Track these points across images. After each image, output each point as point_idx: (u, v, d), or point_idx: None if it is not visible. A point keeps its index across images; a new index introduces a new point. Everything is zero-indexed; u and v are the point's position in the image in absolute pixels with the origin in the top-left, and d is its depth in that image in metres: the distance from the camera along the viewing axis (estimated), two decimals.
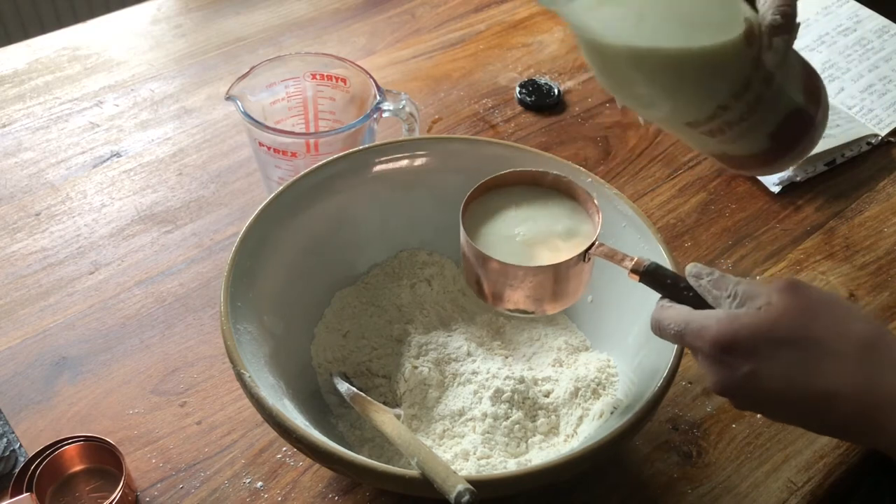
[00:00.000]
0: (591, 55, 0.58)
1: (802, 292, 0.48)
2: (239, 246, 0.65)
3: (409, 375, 0.68)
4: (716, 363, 0.49)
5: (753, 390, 0.48)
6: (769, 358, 0.47)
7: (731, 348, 0.48)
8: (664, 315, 0.52)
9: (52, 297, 0.79)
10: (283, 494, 0.66)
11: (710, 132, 0.60)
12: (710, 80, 0.56)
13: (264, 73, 0.81)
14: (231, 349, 0.58)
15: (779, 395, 0.47)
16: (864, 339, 0.47)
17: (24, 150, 0.94)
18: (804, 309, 0.47)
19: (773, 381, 0.47)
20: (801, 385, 0.46)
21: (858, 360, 0.46)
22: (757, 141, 0.62)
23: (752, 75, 0.57)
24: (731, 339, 0.48)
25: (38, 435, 0.68)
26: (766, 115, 0.60)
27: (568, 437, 0.65)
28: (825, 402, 0.46)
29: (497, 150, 0.75)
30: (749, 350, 0.47)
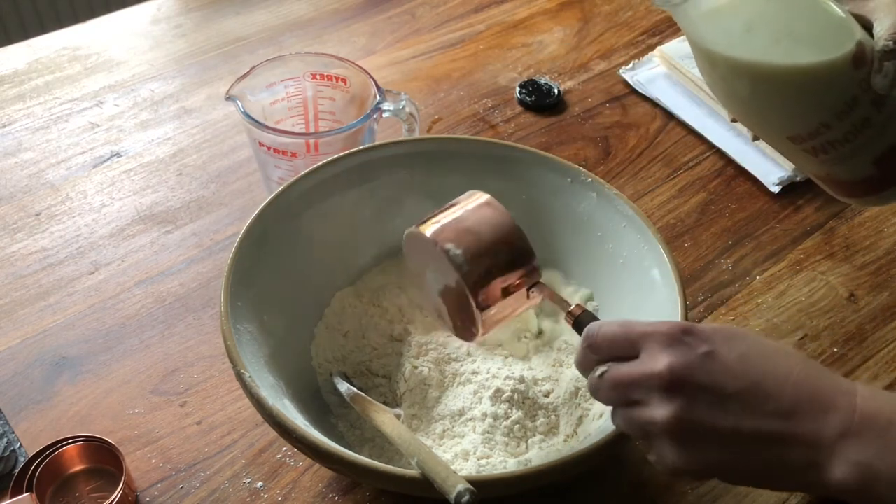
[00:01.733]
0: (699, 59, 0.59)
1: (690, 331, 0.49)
2: (239, 246, 0.65)
3: (409, 375, 0.68)
4: (673, 342, 0.48)
5: (710, 371, 0.47)
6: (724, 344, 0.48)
7: (689, 330, 0.48)
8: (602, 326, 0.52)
9: (52, 297, 0.79)
10: (284, 494, 0.66)
11: (812, 150, 0.60)
12: (812, 98, 0.57)
13: (264, 73, 0.81)
14: (231, 349, 0.58)
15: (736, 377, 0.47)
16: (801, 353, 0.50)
17: (24, 150, 0.94)
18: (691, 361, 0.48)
19: (731, 362, 0.47)
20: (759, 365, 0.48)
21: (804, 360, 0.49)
22: (861, 165, 0.62)
23: (860, 96, 0.58)
24: (688, 324, 0.49)
25: (38, 435, 0.68)
26: (872, 140, 0.60)
27: (568, 437, 0.65)
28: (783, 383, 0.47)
29: (497, 149, 0.75)
30: (705, 336, 0.48)
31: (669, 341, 0.48)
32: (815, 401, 0.47)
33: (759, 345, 0.49)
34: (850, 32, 0.57)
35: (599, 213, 0.72)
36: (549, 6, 1.19)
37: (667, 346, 0.48)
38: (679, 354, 0.48)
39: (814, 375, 0.48)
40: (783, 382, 0.47)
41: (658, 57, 1.07)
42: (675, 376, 0.47)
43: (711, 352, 0.47)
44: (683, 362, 0.47)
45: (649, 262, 0.67)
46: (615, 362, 0.50)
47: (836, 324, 0.79)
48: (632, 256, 0.69)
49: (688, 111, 1.01)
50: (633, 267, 0.69)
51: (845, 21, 0.58)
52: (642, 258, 0.68)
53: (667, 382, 0.47)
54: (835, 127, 0.59)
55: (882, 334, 0.78)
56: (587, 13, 1.18)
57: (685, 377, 0.47)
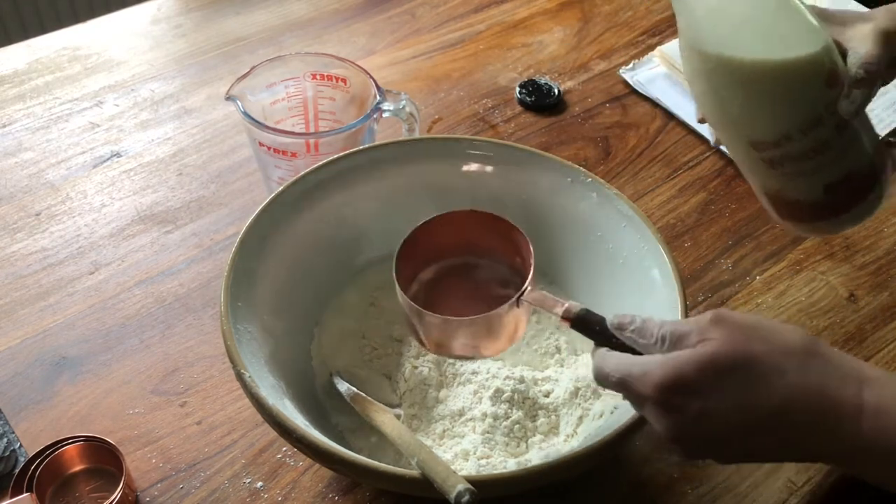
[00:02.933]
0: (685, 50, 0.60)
1: (730, 320, 0.49)
2: (239, 246, 0.65)
3: (409, 375, 0.68)
4: (663, 408, 0.48)
5: (706, 430, 0.47)
6: (717, 390, 0.47)
7: (677, 389, 0.47)
8: (605, 363, 0.51)
9: (52, 297, 0.79)
10: (284, 494, 0.66)
11: (769, 161, 0.61)
12: (783, 100, 0.59)
13: (264, 73, 0.81)
14: (231, 349, 0.58)
15: (733, 428, 0.47)
16: (802, 349, 0.48)
17: (24, 150, 0.94)
18: (737, 335, 0.48)
19: (725, 413, 0.47)
20: (754, 407, 0.46)
21: (802, 371, 0.47)
22: (811, 188, 0.63)
23: (825, 118, 0.59)
24: (676, 379, 0.47)
25: (38, 435, 0.68)
26: (827, 164, 0.61)
27: (568, 437, 0.65)
28: (781, 416, 0.46)
29: (497, 150, 0.75)
30: (696, 388, 0.47)
31: (658, 408, 0.48)
32: (819, 430, 0.47)
33: (754, 368, 0.47)
34: (829, 52, 0.59)
35: (599, 213, 0.72)
36: (549, 6, 1.19)
37: (656, 415, 0.49)
38: (670, 421, 0.48)
39: (815, 394, 0.47)
40: (786, 411, 0.46)
41: (658, 57, 1.07)
42: (672, 440, 0.49)
43: (703, 409, 0.47)
44: (676, 431, 0.48)
45: (649, 262, 0.67)
46: None
47: (836, 324, 0.79)
48: (632, 256, 0.69)
49: (688, 111, 1.01)
50: (633, 267, 0.69)
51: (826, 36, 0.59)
52: (642, 258, 0.68)
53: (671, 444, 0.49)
54: (796, 141, 0.60)
55: (882, 334, 0.78)
56: (587, 13, 1.18)
57: (682, 440, 0.48)
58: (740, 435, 0.47)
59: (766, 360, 0.47)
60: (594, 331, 0.54)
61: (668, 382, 0.47)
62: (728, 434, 0.47)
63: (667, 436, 0.49)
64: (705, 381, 0.47)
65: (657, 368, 0.48)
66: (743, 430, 0.47)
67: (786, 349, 0.47)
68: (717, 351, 0.47)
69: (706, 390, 0.47)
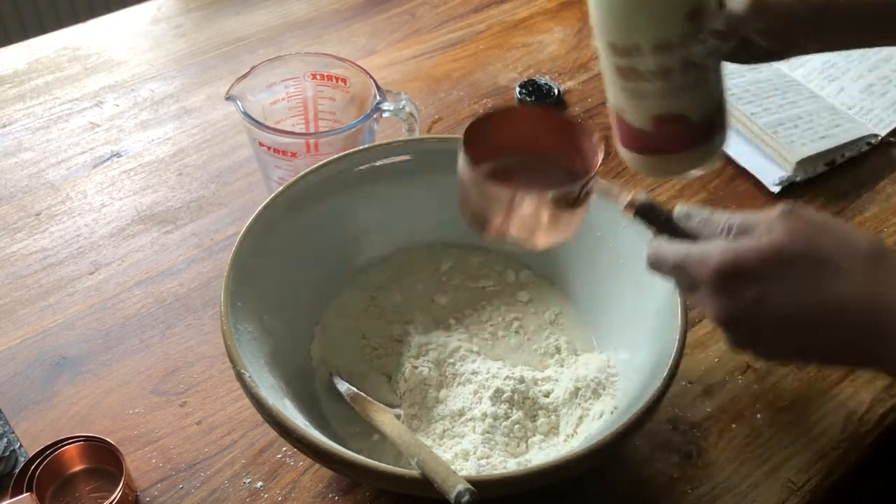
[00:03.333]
0: None
1: (800, 214, 0.48)
2: (239, 246, 0.65)
3: (409, 375, 0.68)
4: (718, 292, 0.48)
5: (759, 317, 0.47)
6: (778, 279, 0.46)
7: (736, 274, 0.47)
8: (662, 249, 0.51)
9: (52, 297, 0.79)
10: (284, 494, 0.66)
11: (619, 70, 0.65)
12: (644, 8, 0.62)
13: (264, 73, 0.81)
14: (231, 349, 0.58)
15: (786, 318, 0.47)
16: (869, 252, 0.47)
17: (24, 150, 0.94)
18: (806, 230, 0.47)
19: (782, 303, 0.46)
20: (812, 302, 0.46)
21: (866, 273, 0.46)
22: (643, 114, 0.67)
23: (675, 45, 0.62)
24: (736, 264, 0.47)
25: (38, 435, 0.68)
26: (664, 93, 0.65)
27: (568, 437, 0.65)
28: (836, 314, 0.46)
29: None
30: (755, 275, 0.47)
31: (713, 291, 0.48)
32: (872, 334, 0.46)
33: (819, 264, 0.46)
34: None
35: (599, 214, 0.72)
36: (549, 6, 1.19)
37: (710, 298, 0.48)
38: (724, 305, 0.48)
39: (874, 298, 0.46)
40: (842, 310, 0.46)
41: None
42: (726, 324, 0.48)
43: (761, 295, 0.46)
44: (728, 315, 0.48)
45: None
46: None
47: None
48: (632, 256, 0.69)
49: None
50: (633, 267, 0.69)
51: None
52: (642, 258, 0.68)
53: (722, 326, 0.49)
54: (643, 56, 0.63)
55: None
56: (587, 13, 1.18)
57: (736, 324, 0.48)
58: (796, 328, 0.47)
59: (832, 257, 0.46)
60: (657, 221, 0.55)
61: (726, 267, 0.47)
62: (783, 325, 0.47)
63: (718, 318, 0.48)
64: (766, 271, 0.46)
65: (717, 254, 0.48)
66: (800, 323, 0.46)
67: (855, 250, 0.47)
68: (783, 242, 0.46)
69: (766, 279, 0.46)
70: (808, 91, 1.03)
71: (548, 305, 0.75)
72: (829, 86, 1.05)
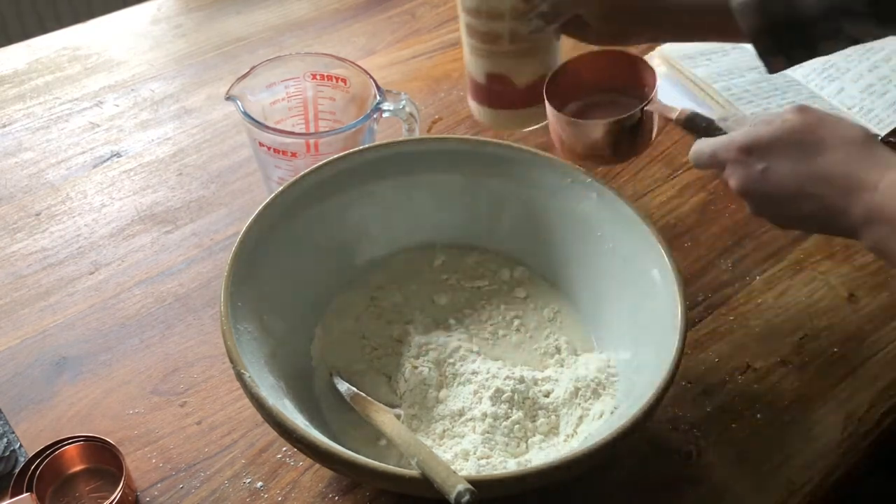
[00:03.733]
0: None
1: (811, 110, 0.60)
2: (239, 246, 0.65)
3: (409, 375, 0.68)
4: (739, 165, 0.61)
5: (767, 184, 0.60)
6: (781, 156, 0.59)
7: (751, 150, 0.60)
8: (700, 145, 0.64)
9: (53, 297, 0.79)
10: (284, 494, 0.66)
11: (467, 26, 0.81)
12: None
13: (264, 73, 0.81)
14: (231, 349, 0.58)
15: (783, 186, 0.59)
16: (857, 138, 0.58)
17: (24, 150, 0.94)
18: (810, 120, 0.59)
19: (782, 174, 0.59)
20: (803, 172, 0.58)
21: (847, 153, 0.58)
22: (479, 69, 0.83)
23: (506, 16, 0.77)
24: (752, 141, 0.60)
25: (38, 435, 0.68)
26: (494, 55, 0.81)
27: (568, 437, 0.65)
28: (820, 181, 0.58)
29: (497, 150, 0.75)
30: (765, 151, 0.60)
31: (735, 165, 0.62)
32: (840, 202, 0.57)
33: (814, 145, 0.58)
34: None
35: (599, 213, 0.72)
36: None
37: (733, 171, 0.62)
38: (742, 175, 0.61)
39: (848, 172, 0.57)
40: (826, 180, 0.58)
41: (658, 57, 1.07)
42: (744, 193, 0.62)
43: (767, 167, 0.60)
44: (744, 182, 0.61)
45: (649, 262, 0.67)
46: None
47: (836, 324, 0.79)
48: (632, 256, 0.69)
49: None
50: (633, 267, 0.69)
51: None
52: (642, 258, 0.68)
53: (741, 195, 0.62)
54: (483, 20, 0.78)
55: (882, 334, 0.78)
56: None
57: (748, 194, 0.62)
58: (790, 195, 0.60)
59: (823, 141, 0.58)
60: (700, 128, 0.68)
61: (745, 143, 0.61)
62: (781, 192, 0.60)
63: (737, 189, 0.62)
64: (773, 147, 0.59)
65: (740, 136, 0.62)
66: (793, 190, 0.59)
67: (844, 136, 0.58)
68: (790, 129, 0.59)
69: (772, 154, 0.59)
70: (808, 91, 1.03)
71: (547, 302, 0.75)
72: (829, 86, 1.05)
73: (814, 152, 0.58)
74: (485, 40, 0.80)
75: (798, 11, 0.72)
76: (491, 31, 0.79)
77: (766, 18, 0.73)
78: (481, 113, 0.89)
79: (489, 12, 0.78)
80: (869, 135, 0.59)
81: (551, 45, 0.83)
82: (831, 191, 0.57)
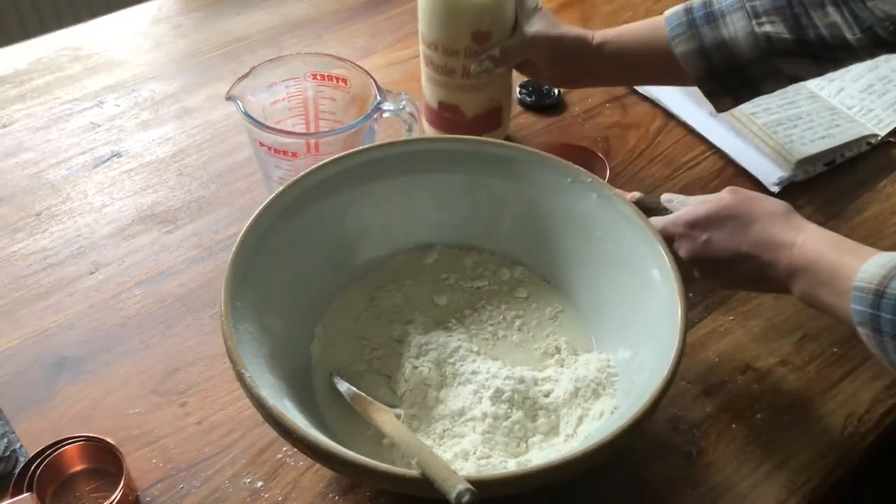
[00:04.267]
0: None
1: (741, 191, 0.70)
2: (239, 246, 0.65)
3: (409, 375, 0.68)
4: (685, 238, 0.69)
5: (710, 254, 0.68)
6: (719, 228, 0.68)
7: (694, 224, 0.69)
8: (654, 221, 0.70)
9: (53, 297, 0.79)
10: (284, 494, 0.66)
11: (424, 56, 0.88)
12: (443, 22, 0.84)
13: (265, 74, 0.81)
14: (231, 349, 0.59)
15: (724, 255, 0.68)
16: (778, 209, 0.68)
17: (24, 151, 0.94)
18: (740, 199, 0.69)
19: (721, 243, 0.68)
20: (737, 242, 0.67)
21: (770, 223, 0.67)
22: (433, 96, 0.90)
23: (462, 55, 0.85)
24: (694, 217, 0.69)
25: (38, 435, 0.68)
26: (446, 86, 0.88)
27: (568, 437, 0.65)
28: (753, 247, 0.66)
29: (497, 149, 0.75)
30: (707, 224, 0.68)
31: (682, 239, 0.70)
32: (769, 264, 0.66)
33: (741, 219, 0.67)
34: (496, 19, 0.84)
35: (599, 214, 0.72)
36: (549, 6, 1.19)
37: (681, 244, 0.70)
38: (688, 247, 0.69)
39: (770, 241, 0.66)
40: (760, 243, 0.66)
41: None
42: (692, 261, 0.70)
43: (709, 238, 0.68)
44: (691, 253, 0.69)
45: (649, 262, 0.67)
46: None
47: (836, 324, 0.79)
48: (632, 256, 0.69)
49: (688, 111, 1.01)
50: (633, 267, 0.69)
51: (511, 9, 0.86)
52: (642, 258, 0.68)
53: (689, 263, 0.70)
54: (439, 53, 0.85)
55: None
56: (587, 13, 1.18)
57: (696, 262, 0.70)
58: (729, 261, 0.68)
59: (754, 214, 0.67)
60: (650, 208, 0.73)
61: (688, 218, 0.69)
62: (722, 259, 0.68)
63: (686, 258, 0.69)
64: (713, 221, 0.68)
65: (685, 213, 0.70)
66: (731, 257, 0.68)
67: (768, 209, 0.68)
68: (725, 205, 0.68)
69: (712, 227, 0.68)
70: (808, 91, 1.03)
71: (548, 301, 0.75)
72: (828, 86, 1.05)
73: (745, 223, 0.67)
74: (440, 72, 0.86)
75: (735, 56, 0.78)
76: (446, 64, 0.85)
77: (707, 63, 0.79)
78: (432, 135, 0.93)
79: (445, 48, 0.84)
80: (788, 207, 0.68)
81: (502, 81, 0.89)
82: (761, 252, 0.66)
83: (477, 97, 0.88)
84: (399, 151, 0.74)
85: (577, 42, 0.84)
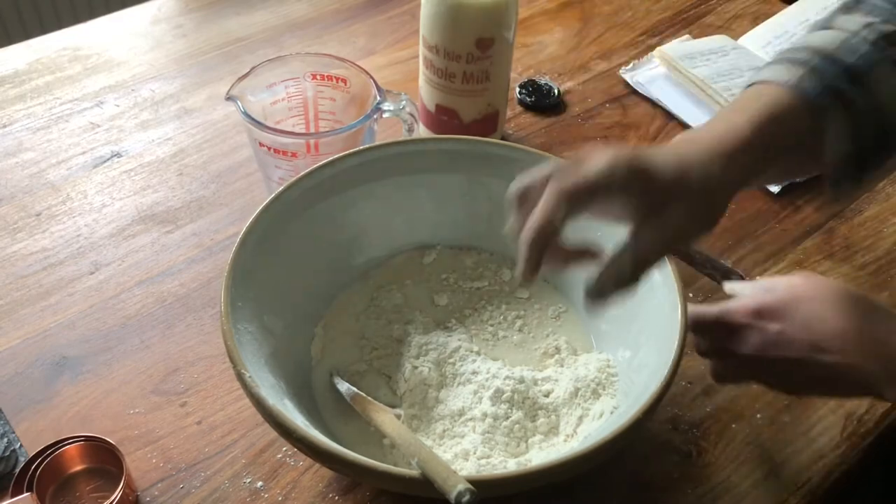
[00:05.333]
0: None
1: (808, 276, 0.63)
2: (239, 246, 0.65)
3: (409, 375, 0.68)
4: (750, 329, 0.61)
5: (782, 345, 0.59)
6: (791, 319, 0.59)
7: (762, 313, 0.60)
8: (699, 308, 0.64)
9: (53, 297, 0.79)
10: (284, 494, 0.66)
11: (425, 58, 0.88)
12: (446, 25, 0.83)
13: (264, 74, 0.81)
14: (231, 349, 0.59)
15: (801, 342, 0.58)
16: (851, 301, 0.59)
17: (24, 151, 0.94)
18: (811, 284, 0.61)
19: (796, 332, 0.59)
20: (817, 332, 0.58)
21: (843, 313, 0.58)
22: (431, 98, 0.90)
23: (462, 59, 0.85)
24: (762, 305, 0.60)
25: (38, 435, 0.68)
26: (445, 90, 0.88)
27: (568, 437, 0.65)
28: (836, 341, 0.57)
29: (497, 150, 0.75)
30: (778, 313, 0.60)
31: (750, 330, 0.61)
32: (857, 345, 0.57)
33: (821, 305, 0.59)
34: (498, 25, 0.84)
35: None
36: (549, 6, 1.19)
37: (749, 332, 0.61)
38: (756, 338, 0.60)
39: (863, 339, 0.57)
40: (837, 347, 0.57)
41: (658, 57, 1.07)
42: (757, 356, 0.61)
43: (782, 330, 0.59)
44: (760, 345, 0.60)
45: None
46: None
47: None
48: None
49: (688, 111, 1.01)
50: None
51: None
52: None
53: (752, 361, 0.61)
54: (441, 57, 0.85)
55: None
56: (587, 13, 1.18)
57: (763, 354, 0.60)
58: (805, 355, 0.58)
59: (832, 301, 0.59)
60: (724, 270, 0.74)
61: (755, 306, 0.61)
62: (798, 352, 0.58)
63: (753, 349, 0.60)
64: (783, 310, 0.60)
65: (749, 299, 0.62)
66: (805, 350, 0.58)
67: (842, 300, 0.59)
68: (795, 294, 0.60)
69: (784, 316, 0.59)
70: None
71: (550, 301, 0.75)
72: None
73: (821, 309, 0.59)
74: (440, 75, 0.87)
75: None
76: (447, 68, 0.85)
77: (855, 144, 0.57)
78: None
79: (448, 52, 0.84)
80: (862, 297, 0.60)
81: (502, 87, 0.90)
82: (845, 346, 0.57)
83: (475, 102, 0.89)
84: (399, 151, 0.74)
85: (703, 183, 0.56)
